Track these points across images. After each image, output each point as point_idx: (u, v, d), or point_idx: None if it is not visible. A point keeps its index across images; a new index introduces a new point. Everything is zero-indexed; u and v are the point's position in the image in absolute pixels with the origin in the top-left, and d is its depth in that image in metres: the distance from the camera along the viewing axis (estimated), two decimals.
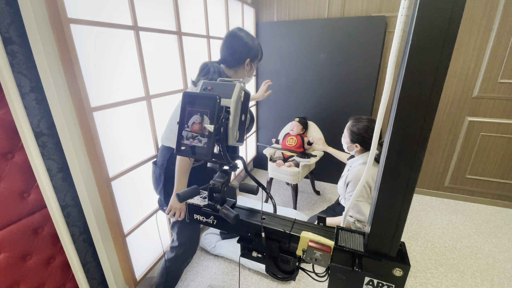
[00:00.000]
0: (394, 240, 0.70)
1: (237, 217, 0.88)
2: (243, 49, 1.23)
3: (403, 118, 0.54)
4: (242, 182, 0.93)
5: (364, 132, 1.42)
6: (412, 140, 0.55)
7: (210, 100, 0.80)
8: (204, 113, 0.81)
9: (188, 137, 0.83)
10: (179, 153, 0.85)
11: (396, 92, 0.53)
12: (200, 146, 0.82)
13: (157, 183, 1.31)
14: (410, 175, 0.59)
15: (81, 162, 1.13)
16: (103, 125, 1.17)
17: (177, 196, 0.83)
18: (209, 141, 0.80)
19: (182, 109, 0.83)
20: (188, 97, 0.83)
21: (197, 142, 0.82)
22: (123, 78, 1.26)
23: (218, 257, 1.92)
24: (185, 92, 0.83)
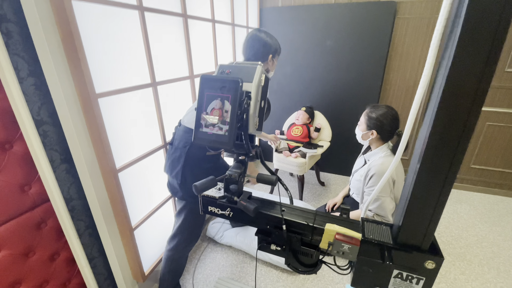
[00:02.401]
0: (428, 233, 0.67)
1: (257, 210, 0.83)
2: (264, 48, 1.31)
3: (446, 111, 0.50)
4: (260, 173, 0.87)
5: (384, 118, 1.36)
6: (455, 134, 0.51)
7: (232, 84, 0.74)
8: (225, 98, 0.75)
9: (208, 124, 0.77)
10: (198, 142, 0.79)
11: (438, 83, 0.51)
12: (220, 134, 0.76)
13: (174, 165, 1.23)
14: (450, 169, 0.55)
15: (85, 152, 1.05)
16: (109, 113, 1.09)
17: (194, 188, 0.77)
18: (231, 129, 0.74)
19: (200, 94, 0.77)
20: (207, 81, 0.76)
21: (217, 129, 0.76)
22: (129, 63, 1.17)
23: (225, 247, 1.88)
24: (203, 76, 0.77)
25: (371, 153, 1.48)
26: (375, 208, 1.38)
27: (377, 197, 1.37)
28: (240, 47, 1.37)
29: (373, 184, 1.38)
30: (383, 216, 1.39)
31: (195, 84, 1.66)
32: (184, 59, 1.56)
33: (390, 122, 1.34)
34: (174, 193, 1.31)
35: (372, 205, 1.39)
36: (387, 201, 1.36)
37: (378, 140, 1.41)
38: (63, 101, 0.95)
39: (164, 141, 1.44)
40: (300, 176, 2.25)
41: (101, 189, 1.14)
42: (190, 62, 1.58)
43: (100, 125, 1.04)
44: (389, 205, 1.36)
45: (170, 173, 1.26)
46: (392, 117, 1.35)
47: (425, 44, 2.29)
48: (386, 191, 1.36)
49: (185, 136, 1.22)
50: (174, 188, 1.29)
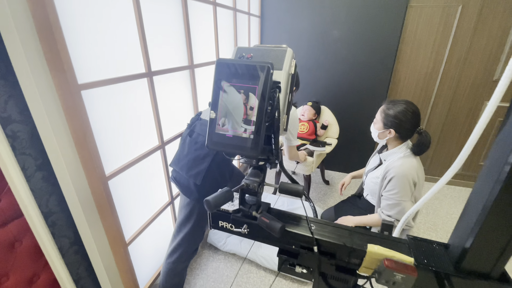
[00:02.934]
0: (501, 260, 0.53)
1: (283, 229, 0.66)
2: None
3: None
4: (283, 182, 0.70)
5: (403, 116, 1.22)
6: None
7: (260, 71, 0.56)
8: (249, 90, 0.57)
9: (226, 124, 0.60)
10: (213, 146, 0.61)
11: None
12: (244, 137, 0.59)
13: (196, 164, 1.09)
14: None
15: (67, 156, 0.86)
16: (95, 108, 0.90)
17: (206, 204, 0.60)
18: (258, 130, 0.57)
19: (216, 85, 0.59)
20: (225, 68, 0.58)
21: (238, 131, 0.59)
22: (119, 49, 0.97)
23: (229, 255, 1.73)
24: (220, 60, 0.59)
25: (388, 152, 1.34)
26: (396, 214, 1.26)
27: (398, 202, 1.24)
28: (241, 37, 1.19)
29: (393, 188, 1.25)
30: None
31: (195, 75, 1.46)
32: (183, 45, 1.36)
33: (410, 119, 1.21)
34: (188, 194, 1.15)
35: (392, 211, 1.26)
36: (408, 206, 1.24)
37: (397, 139, 1.28)
38: (36, 93, 0.75)
39: (162, 141, 1.25)
40: (307, 175, 2.10)
41: (87, 199, 0.95)
42: (190, 49, 1.38)
43: (84, 123, 0.84)
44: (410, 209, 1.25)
45: (187, 171, 1.10)
46: (413, 114, 1.21)
47: (438, 33, 2.16)
48: (407, 195, 1.23)
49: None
50: (188, 188, 1.14)
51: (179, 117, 1.42)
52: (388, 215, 1.28)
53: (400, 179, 1.21)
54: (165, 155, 1.29)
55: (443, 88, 2.31)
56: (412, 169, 1.21)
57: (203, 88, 1.60)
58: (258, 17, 2.41)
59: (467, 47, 2.13)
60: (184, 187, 1.15)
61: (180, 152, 1.15)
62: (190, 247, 1.26)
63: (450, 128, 2.43)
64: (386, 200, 1.29)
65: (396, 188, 1.23)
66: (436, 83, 2.30)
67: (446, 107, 2.36)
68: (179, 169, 1.14)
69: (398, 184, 1.22)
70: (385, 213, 1.29)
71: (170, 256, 1.25)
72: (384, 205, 1.30)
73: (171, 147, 1.35)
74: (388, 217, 1.27)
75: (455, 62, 2.20)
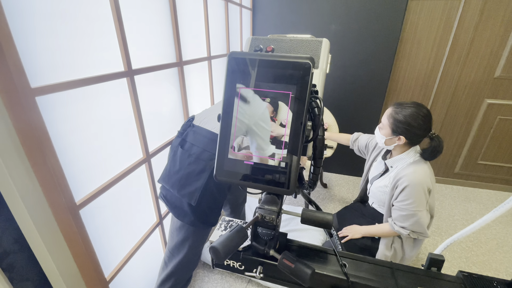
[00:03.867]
0: None
1: (313, 276, 0.50)
2: None
3: None
4: (306, 210, 0.55)
5: (413, 120, 1.10)
6: None
7: (295, 70, 0.40)
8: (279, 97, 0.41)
9: (244, 146, 0.43)
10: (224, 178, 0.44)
11: None
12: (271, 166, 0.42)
13: (190, 181, 0.90)
14: None
15: (21, 183, 0.65)
16: (57, 118, 0.70)
17: (214, 253, 0.43)
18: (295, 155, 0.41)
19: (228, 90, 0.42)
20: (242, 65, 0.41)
21: (262, 157, 0.42)
22: (88, 41, 0.77)
23: (226, 275, 1.56)
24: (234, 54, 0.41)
25: (396, 158, 1.23)
26: (411, 225, 1.15)
27: (413, 212, 1.13)
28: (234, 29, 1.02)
29: (407, 198, 1.13)
30: (420, 233, 1.16)
31: (184, 74, 1.27)
32: (171, 39, 1.16)
33: (421, 124, 1.10)
34: (181, 216, 0.97)
35: (407, 222, 1.15)
36: (424, 215, 1.14)
37: (405, 144, 1.17)
38: None
39: (147, 153, 1.06)
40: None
41: (53, 234, 0.75)
42: (178, 43, 1.19)
43: (42, 138, 0.64)
44: (425, 219, 1.15)
45: (179, 190, 0.91)
46: (424, 118, 1.10)
47: (439, 29, 2.07)
48: (422, 204, 1.13)
49: (209, 144, 0.88)
50: (181, 209, 0.95)
51: (167, 123, 1.22)
52: (402, 227, 1.16)
53: (414, 188, 1.10)
54: (151, 169, 1.10)
55: (443, 85, 2.23)
56: (426, 176, 1.11)
57: (194, 89, 1.40)
58: (250, 9, 2.22)
59: (469, 42, 2.05)
60: (176, 208, 0.97)
61: (171, 167, 0.97)
62: (184, 276, 1.09)
63: (449, 127, 2.36)
64: (399, 211, 1.17)
65: (411, 198, 1.12)
66: (436, 80, 2.22)
67: (446, 105, 2.29)
68: (170, 187, 0.95)
69: (412, 194, 1.11)
70: (398, 225, 1.17)
71: (161, 286, 1.07)
72: (397, 216, 1.18)
73: (158, 159, 1.16)
74: (402, 229, 1.16)
75: (456, 58, 2.12)
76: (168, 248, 1.07)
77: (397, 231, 1.18)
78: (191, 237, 1.01)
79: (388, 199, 1.24)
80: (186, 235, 1.00)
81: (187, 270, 1.08)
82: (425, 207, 1.14)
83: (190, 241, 1.01)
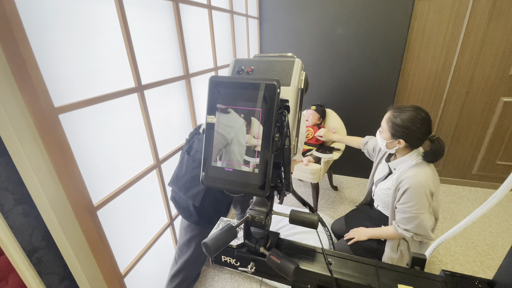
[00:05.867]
0: None
1: (298, 271, 0.56)
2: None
3: None
4: (295, 211, 0.60)
5: (411, 124, 1.11)
6: None
7: (264, 91, 0.46)
8: (252, 113, 0.47)
9: (224, 155, 0.50)
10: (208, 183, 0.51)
11: None
12: (247, 172, 0.49)
13: (194, 184, 1.00)
14: None
15: (48, 187, 0.76)
16: (76, 132, 0.80)
17: (205, 247, 0.50)
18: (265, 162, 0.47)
19: (210, 108, 0.49)
20: (220, 87, 0.48)
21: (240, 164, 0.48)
22: (103, 63, 0.87)
23: (234, 274, 1.62)
24: (214, 78, 0.49)
25: (398, 161, 1.24)
26: (414, 228, 1.15)
27: (415, 215, 1.14)
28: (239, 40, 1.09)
29: (408, 200, 1.14)
30: (424, 235, 1.16)
31: (191, 85, 1.36)
32: (177, 54, 1.26)
33: (419, 128, 1.11)
34: (187, 216, 1.07)
35: (410, 224, 1.16)
36: (426, 218, 1.14)
37: (406, 148, 1.19)
38: (6, 121, 0.65)
39: (157, 159, 1.15)
40: (315, 184, 1.99)
41: (75, 232, 0.85)
42: (185, 58, 1.28)
43: (65, 149, 0.75)
44: (428, 221, 1.15)
45: (185, 192, 1.01)
46: (422, 121, 1.11)
47: (448, 29, 2.03)
48: (424, 206, 1.13)
49: None
50: (187, 210, 1.05)
51: (176, 132, 1.32)
52: (405, 229, 1.17)
53: (415, 191, 1.12)
54: (161, 174, 1.20)
55: (456, 85, 2.18)
56: (428, 178, 1.11)
57: (201, 98, 1.50)
58: (257, 18, 2.30)
59: (481, 40, 2.00)
60: (182, 209, 1.06)
61: (178, 171, 1.06)
62: (192, 272, 1.17)
63: (465, 127, 2.29)
64: (401, 214, 1.18)
65: (413, 201, 1.13)
66: (448, 80, 2.17)
67: (459, 105, 2.23)
68: (177, 190, 1.04)
69: (414, 196, 1.12)
70: (401, 227, 1.19)
71: (171, 282, 1.16)
72: (399, 219, 1.19)
73: (168, 165, 1.25)
74: (405, 231, 1.17)
75: (468, 57, 2.07)
76: (178, 246, 1.16)
77: (401, 234, 1.19)
78: (197, 236, 1.09)
79: (391, 201, 1.25)
80: (192, 234, 1.09)
81: (195, 267, 1.16)
82: (428, 209, 1.14)
83: (196, 239, 1.09)
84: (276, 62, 0.53)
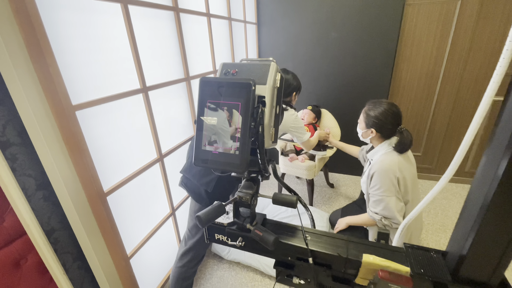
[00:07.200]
0: (500, 267, 0.52)
1: (277, 241, 0.66)
2: (289, 87, 1.54)
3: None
4: (277, 193, 0.71)
5: (383, 116, 1.23)
6: None
7: (242, 88, 0.57)
8: (233, 106, 0.58)
9: (212, 141, 0.61)
10: (199, 164, 0.62)
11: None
12: (229, 154, 0.59)
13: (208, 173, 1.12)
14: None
15: (65, 175, 0.88)
16: (91, 127, 0.92)
17: (198, 219, 0.61)
18: (243, 146, 0.58)
19: (200, 103, 0.60)
20: (208, 86, 0.59)
21: (224, 148, 0.59)
22: (112, 67, 1.00)
23: (233, 264, 1.73)
24: (204, 79, 0.60)
25: (373, 151, 1.35)
26: (382, 210, 1.25)
27: (381, 198, 1.23)
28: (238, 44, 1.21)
29: (375, 184, 1.25)
30: (390, 218, 1.24)
31: (191, 87, 1.48)
32: (178, 58, 1.38)
33: (390, 120, 1.22)
34: (199, 200, 1.19)
35: (378, 207, 1.25)
36: (392, 201, 1.22)
37: (379, 138, 1.30)
38: (32, 116, 0.78)
39: (160, 154, 1.27)
40: (309, 180, 2.08)
41: (88, 216, 0.97)
42: (185, 62, 1.41)
43: (80, 142, 0.87)
44: (395, 205, 1.22)
45: (199, 179, 1.14)
46: (393, 115, 1.23)
47: (438, 30, 2.12)
48: (390, 190, 1.22)
49: None
50: (199, 195, 1.17)
51: (177, 129, 1.44)
52: (375, 212, 1.26)
53: (381, 175, 1.22)
54: (164, 167, 1.31)
55: (446, 85, 2.26)
56: (393, 164, 1.21)
57: None
58: (255, 24, 2.43)
59: (469, 42, 2.08)
60: (195, 193, 1.18)
61: (191, 161, 1.18)
62: (200, 252, 1.29)
63: (457, 126, 2.37)
64: (371, 197, 1.29)
65: (378, 184, 1.23)
66: (439, 81, 2.26)
67: (450, 104, 2.31)
68: (191, 177, 1.16)
69: (379, 180, 1.22)
70: (372, 211, 1.28)
71: (181, 260, 1.26)
72: (371, 203, 1.30)
73: (170, 159, 1.37)
74: (375, 214, 1.26)
75: (457, 58, 2.16)
76: (188, 227, 1.26)
77: (371, 217, 1.27)
78: None
79: (366, 188, 1.35)
80: None
81: (203, 247, 1.27)
82: (394, 194, 1.22)
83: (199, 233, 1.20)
84: (255, 65, 0.64)
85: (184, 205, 1.56)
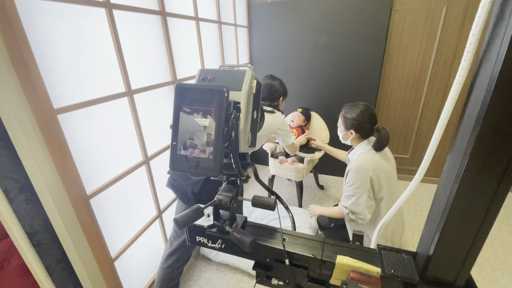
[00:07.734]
0: (465, 267, 0.55)
1: (254, 243, 0.68)
2: (277, 92, 1.58)
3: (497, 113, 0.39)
4: (256, 196, 0.73)
5: (360, 117, 1.29)
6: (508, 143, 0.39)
7: (215, 94, 0.59)
8: (207, 112, 0.60)
9: (187, 146, 0.62)
10: (175, 168, 0.64)
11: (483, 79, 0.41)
12: (204, 158, 0.61)
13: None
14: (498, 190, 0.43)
15: (47, 178, 0.89)
16: (73, 130, 0.93)
17: (175, 222, 0.63)
18: (217, 151, 0.60)
19: (176, 109, 0.62)
20: (184, 92, 0.61)
21: (199, 152, 0.61)
22: (96, 71, 1.01)
23: (221, 266, 1.74)
24: (179, 85, 0.62)
25: (352, 152, 1.42)
26: (351, 205, 1.29)
27: (352, 193, 1.27)
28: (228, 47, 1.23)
29: (349, 181, 1.30)
30: (357, 214, 1.28)
31: None
32: (165, 62, 1.39)
33: (367, 120, 1.28)
34: (185, 201, 1.20)
35: (348, 202, 1.30)
36: (362, 198, 1.26)
37: (359, 138, 1.35)
38: (13, 120, 0.78)
39: (146, 156, 1.28)
40: (299, 182, 2.11)
41: (71, 219, 0.98)
42: (172, 65, 1.42)
43: (62, 145, 0.87)
44: (365, 202, 1.25)
45: (186, 180, 1.15)
46: (369, 115, 1.29)
47: (424, 35, 2.17)
48: (362, 187, 1.26)
49: None
50: (185, 195, 1.18)
51: (165, 131, 1.45)
52: (344, 207, 1.30)
53: (355, 172, 1.26)
54: (150, 170, 1.32)
55: (433, 89, 2.31)
56: (367, 163, 1.25)
57: None
58: (246, 27, 2.45)
59: (454, 47, 2.14)
60: (182, 194, 1.19)
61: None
62: (186, 253, 1.30)
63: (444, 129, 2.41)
64: (344, 192, 1.34)
65: (352, 180, 1.27)
66: (425, 84, 2.31)
67: (437, 107, 2.36)
68: (178, 178, 1.17)
69: (353, 177, 1.27)
70: (342, 205, 1.32)
71: (166, 260, 1.27)
72: (342, 197, 1.35)
73: (158, 161, 1.38)
74: (344, 208, 1.31)
75: (443, 63, 2.21)
76: (174, 228, 1.27)
77: (341, 210, 1.32)
78: None
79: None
80: None
81: (188, 249, 1.28)
82: (366, 191, 1.25)
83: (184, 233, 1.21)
84: (232, 71, 0.66)
85: (171, 207, 1.57)
